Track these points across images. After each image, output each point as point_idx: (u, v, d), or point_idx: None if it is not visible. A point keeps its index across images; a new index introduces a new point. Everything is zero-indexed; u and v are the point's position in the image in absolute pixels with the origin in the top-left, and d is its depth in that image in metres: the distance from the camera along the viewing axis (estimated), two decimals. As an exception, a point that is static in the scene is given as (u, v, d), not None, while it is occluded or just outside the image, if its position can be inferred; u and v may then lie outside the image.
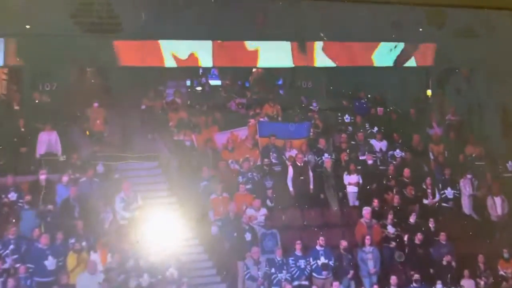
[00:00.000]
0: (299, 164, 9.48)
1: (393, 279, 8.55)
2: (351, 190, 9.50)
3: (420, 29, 9.11)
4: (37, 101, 9.19)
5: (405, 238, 9.00)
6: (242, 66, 9.91)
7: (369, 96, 10.40)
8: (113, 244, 8.14)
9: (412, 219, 9.20)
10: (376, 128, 10.21)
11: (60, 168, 8.64)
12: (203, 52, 9.45)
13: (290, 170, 9.43)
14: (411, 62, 9.98)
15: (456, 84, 10.19)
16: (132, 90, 9.27)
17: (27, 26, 8.39)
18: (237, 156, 9.40)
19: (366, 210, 9.06)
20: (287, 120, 9.85)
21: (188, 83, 10.08)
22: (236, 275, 8.41)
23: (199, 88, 10.14)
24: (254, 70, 10.17)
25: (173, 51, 9.32)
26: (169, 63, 9.31)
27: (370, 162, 9.83)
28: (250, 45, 9.54)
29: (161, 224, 8.26)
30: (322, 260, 8.55)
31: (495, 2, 8.54)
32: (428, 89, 10.45)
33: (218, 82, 10.17)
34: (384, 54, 9.89)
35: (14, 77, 9.11)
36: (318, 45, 9.75)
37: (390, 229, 9.02)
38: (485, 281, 8.78)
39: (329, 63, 9.86)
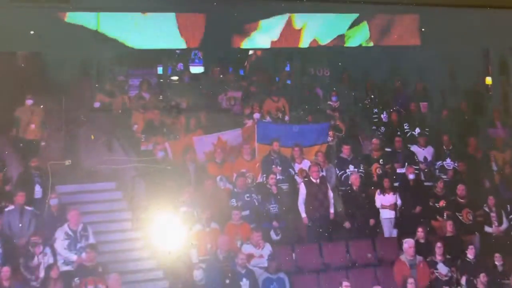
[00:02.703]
0: (314, 181, 8.40)
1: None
2: (386, 215, 8.49)
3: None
4: None
5: (463, 280, 7.99)
6: (235, 48, 8.91)
7: (408, 85, 9.57)
8: (52, 300, 7.10)
9: (470, 254, 8.16)
10: (418, 130, 9.17)
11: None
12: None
13: (302, 189, 8.37)
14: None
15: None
16: (81, 82, 8.32)
17: None
18: (228, 171, 8.42)
19: (408, 243, 8.03)
20: (297, 121, 9.01)
21: (160, 70, 9.09)
22: None
23: (175, 78, 9.19)
24: (251, 52, 9.31)
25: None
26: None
27: (411, 176, 8.74)
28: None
29: (122, 269, 7.30)
30: (348, 313, 7.72)
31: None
32: (487, 76, 9.57)
33: (201, 69, 9.27)
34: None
35: None
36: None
37: (442, 269, 7.98)
38: None
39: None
